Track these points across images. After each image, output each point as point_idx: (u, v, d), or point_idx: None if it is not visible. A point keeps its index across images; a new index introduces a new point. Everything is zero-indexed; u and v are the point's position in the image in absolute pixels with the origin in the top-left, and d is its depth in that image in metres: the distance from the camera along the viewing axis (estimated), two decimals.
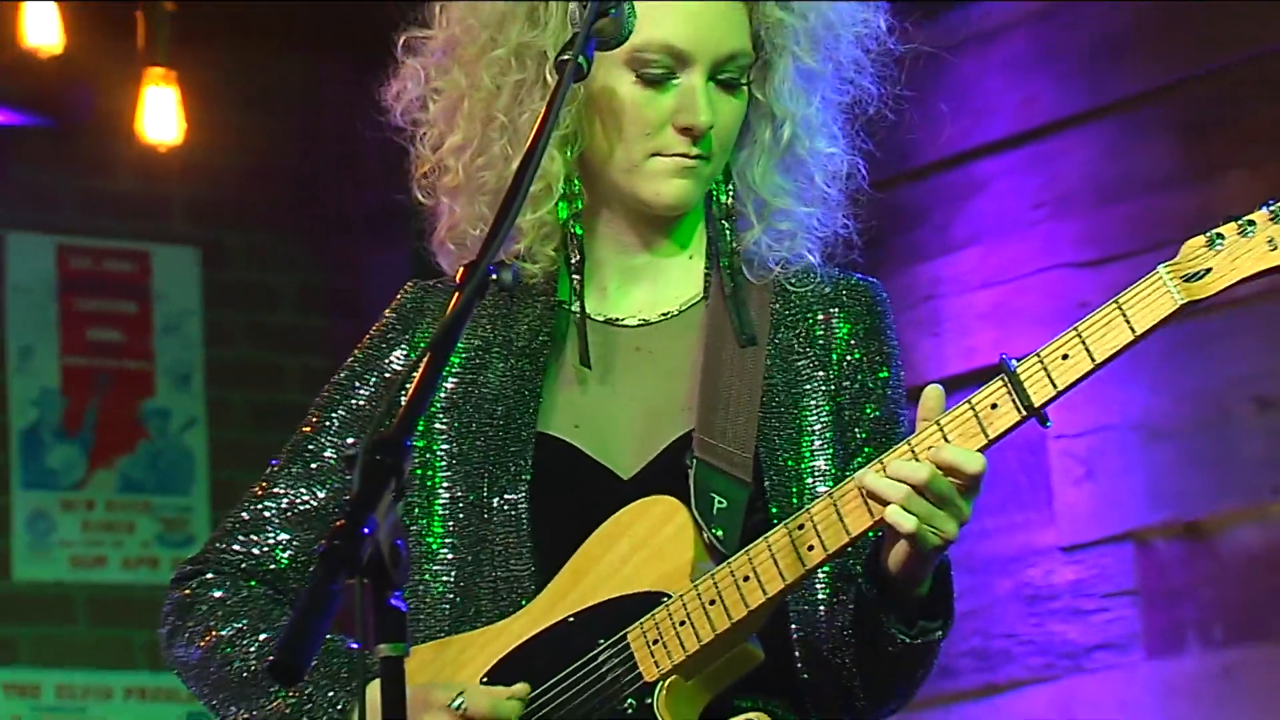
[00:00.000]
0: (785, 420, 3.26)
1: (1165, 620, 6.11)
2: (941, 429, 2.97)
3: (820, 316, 3.31)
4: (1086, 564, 6.23)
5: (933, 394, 2.99)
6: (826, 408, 3.26)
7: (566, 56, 3.03)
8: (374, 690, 2.68)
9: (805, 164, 3.34)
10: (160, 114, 6.97)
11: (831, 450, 3.24)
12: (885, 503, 2.93)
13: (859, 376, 3.28)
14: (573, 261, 3.32)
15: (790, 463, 3.24)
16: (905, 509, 2.90)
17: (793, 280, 3.32)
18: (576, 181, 3.32)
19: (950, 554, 3.05)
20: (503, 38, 3.33)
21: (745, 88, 3.29)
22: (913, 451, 2.96)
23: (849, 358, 3.29)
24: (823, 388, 3.27)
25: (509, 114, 3.31)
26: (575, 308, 3.29)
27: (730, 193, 3.35)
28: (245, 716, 3.29)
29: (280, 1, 6.99)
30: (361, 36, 3.86)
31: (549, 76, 3.25)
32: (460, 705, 3.07)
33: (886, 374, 3.30)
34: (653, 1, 3.21)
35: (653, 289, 3.34)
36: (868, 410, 3.27)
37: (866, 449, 3.21)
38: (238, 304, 7.81)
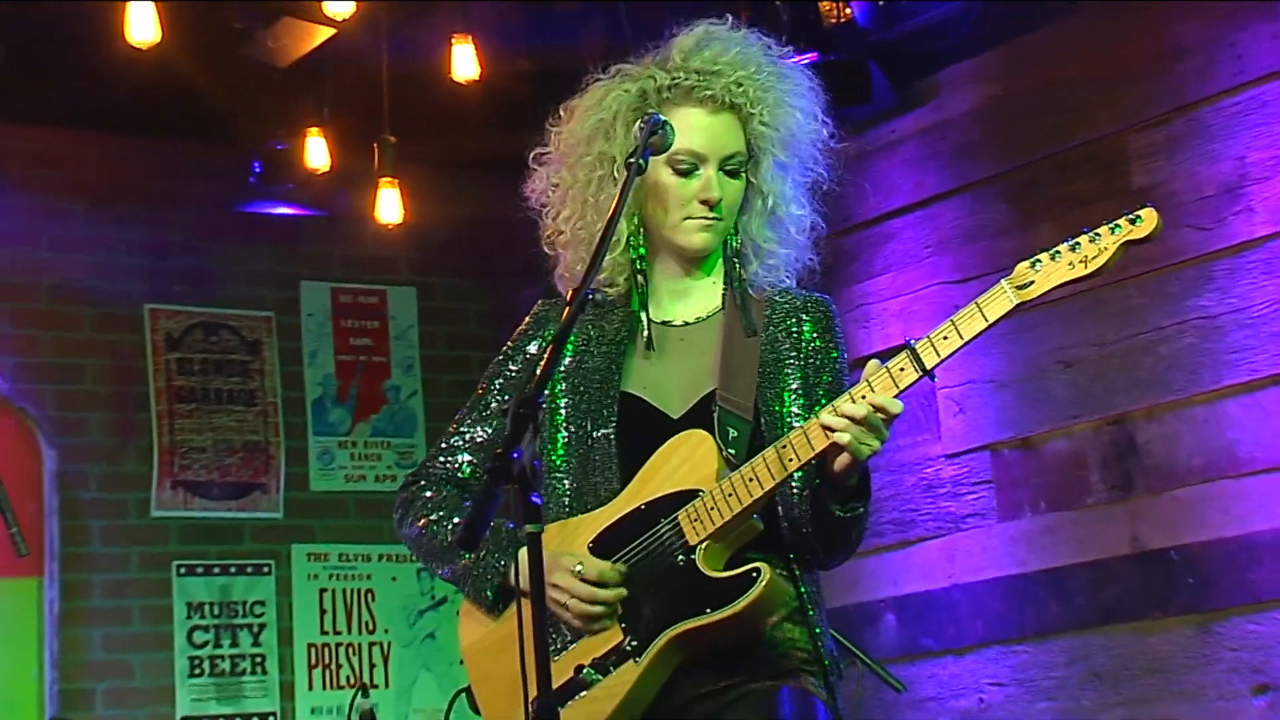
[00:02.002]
0: (773, 383, 3.65)
1: (1009, 498, 6.60)
2: (870, 384, 3.37)
3: (794, 319, 3.70)
4: (960, 465, 6.74)
5: (872, 366, 3.39)
6: (799, 374, 3.66)
7: (632, 160, 3.49)
8: (522, 554, 3.33)
9: (784, 222, 3.73)
10: (388, 206, 7.38)
11: (802, 400, 3.64)
12: (835, 430, 3.36)
13: (819, 356, 3.69)
14: (639, 285, 3.72)
15: (777, 408, 3.63)
16: (848, 433, 3.33)
17: (777, 296, 3.73)
18: (640, 235, 3.71)
19: (873, 463, 3.44)
20: (589, 150, 3.72)
21: (744, 174, 3.68)
22: (852, 399, 3.37)
23: (813, 344, 3.69)
24: (796, 363, 3.67)
25: (595, 196, 3.71)
26: (642, 314, 3.71)
27: (737, 241, 3.74)
28: (445, 572, 3.77)
29: (464, 137, 7.44)
30: (508, 155, 4.15)
31: (616, 174, 3.65)
32: (579, 568, 3.52)
33: (836, 354, 3.70)
34: (682, 122, 3.61)
35: (690, 302, 3.74)
36: (824, 376, 3.67)
37: (824, 399, 3.56)
38: (440, 321, 8.57)
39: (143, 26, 6.18)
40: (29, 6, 6.60)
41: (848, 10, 6.51)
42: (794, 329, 3.67)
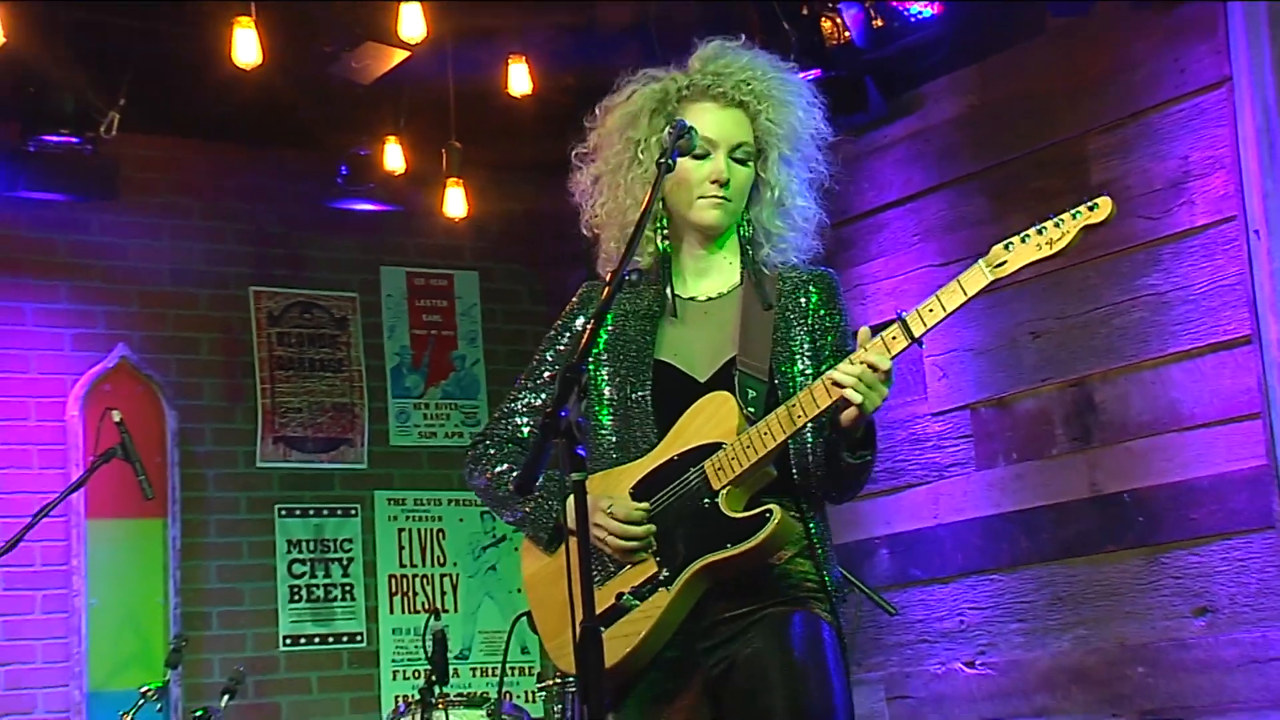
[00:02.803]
0: (785, 348, 3.60)
1: (986, 450, 6.57)
2: (866, 350, 3.35)
3: (802, 291, 3.66)
4: (944, 422, 6.72)
5: (863, 332, 3.39)
6: (807, 339, 3.61)
7: (662, 160, 3.48)
8: (570, 499, 3.22)
9: (790, 212, 3.67)
10: (455, 202, 7.37)
11: (810, 364, 3.59)
12: (842, 386, 3.34)
13: (823, 321, 3.64)
14: (667, 267, 3.70)
15: (788, 370, 3.59)
16: (853, 389, 3.32)
17: (788, 272, 3.68)
18: (665, 221, 3.69)
19: (875, 418, 3.44)
20: (619, 139, 3.71)
21: (751, 164, 3.65)
22: (852, 362, 3.35)
23: (819, 312, 3.64)
24: (804, 329, 3.62)
25: (624, 178, 3.70)
26: (669, 291, 3.69)
27: (749, 229, 3.70)
28: (509, 516, 3.78)
29: (519, 143, 7.30)
30: (556, 158, 4.01)
31: (641, 155, 3.65)
32: (609, 506, 3.52)
33: (839, 319, 3.65)
34: (697, 115, 3.61)
35: (711, 280, 3.71)
36: (829, 338, 3.62)
37: (829, 360, 3.54)
38: (499, 300, 8.48)
39: (247, 50, 6.21)
40: (152, 35, 6.64)
41: (846, 33, 6.49)
42: (802, 299, 3.64)
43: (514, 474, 3.66)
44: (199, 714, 6.06)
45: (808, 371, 3.57)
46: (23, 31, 6.08)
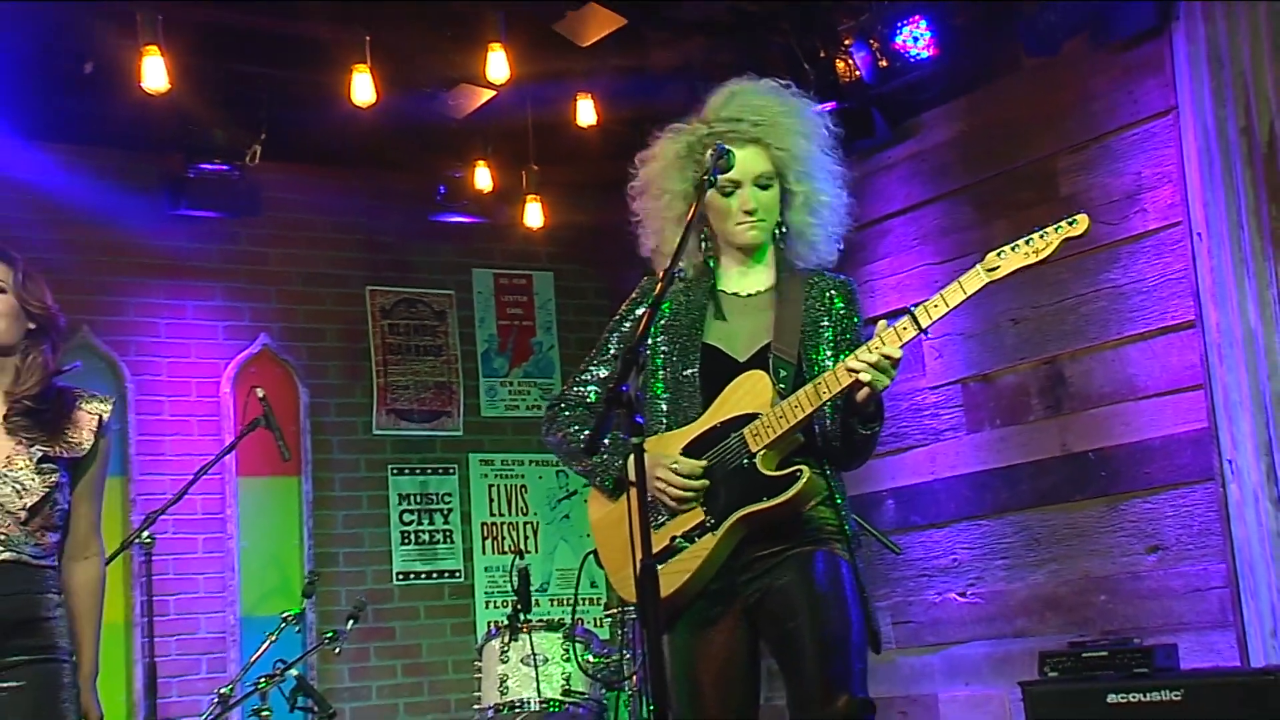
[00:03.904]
0: (812, 338, 3.58)
1: (974, 417, 6.55)
2: (882, 339, 3.34)
3: (828, 294, 3.62)
4: (940, 394, 6.68)
5: (880, 325, 3.38)
6: (830, 332, 3.58)
7: (705, 178, 3.47)
8: (632, 457, 3.18)
9: (816, 209, 3.64)
10: (533, 215, 7.37)
11: (832, 352, 3.56)
12: (857, 370, 3.33)
13: (844, 319, 3.61)
14: (711, 266, 3.69)
15: (813, 355, 3.56)
16: (868, 373, 3.31)
17: (815, 278, 3.65)
18: (710, 240, 3.67)
19: (882, 395, 3.41)
20: (657, 187, 3.68)
21: (774, 184, 3.61)
22: (869, 349, 3.35)
23: (841, 311, 3.61)
24: (829, 324, 3.59)
25: (666, 214, 3.66)
26: (715, 289, 3.66)
27: (783, 236, 3.67)
28: (578, 468, 3.73)
29: (586, 165, 7.17)
30: (617, 179, 3.90)
31: (674, 202, 3.62)
32: (675, 465, 3.51)
33: (856, 319, 3.63)
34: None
35: (750, 280, 3.67)
36: (848, 335, 3.59)
37: (847, 350, 3.51)
38: (569, 296, 8.38)
39: (363, 92, 6.22)
40: (288, 82, 6.66)
41: (857, 72, 6.48)
42: (827, 301, 3.61)
43: (582, 433, 3.65)
44: (329, 635, 6.09)
45: (829, 357, 3.54)
46: (183, 80, 6.10)
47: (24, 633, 3.56)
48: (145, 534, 5.59)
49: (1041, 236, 3.35)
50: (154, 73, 5.85)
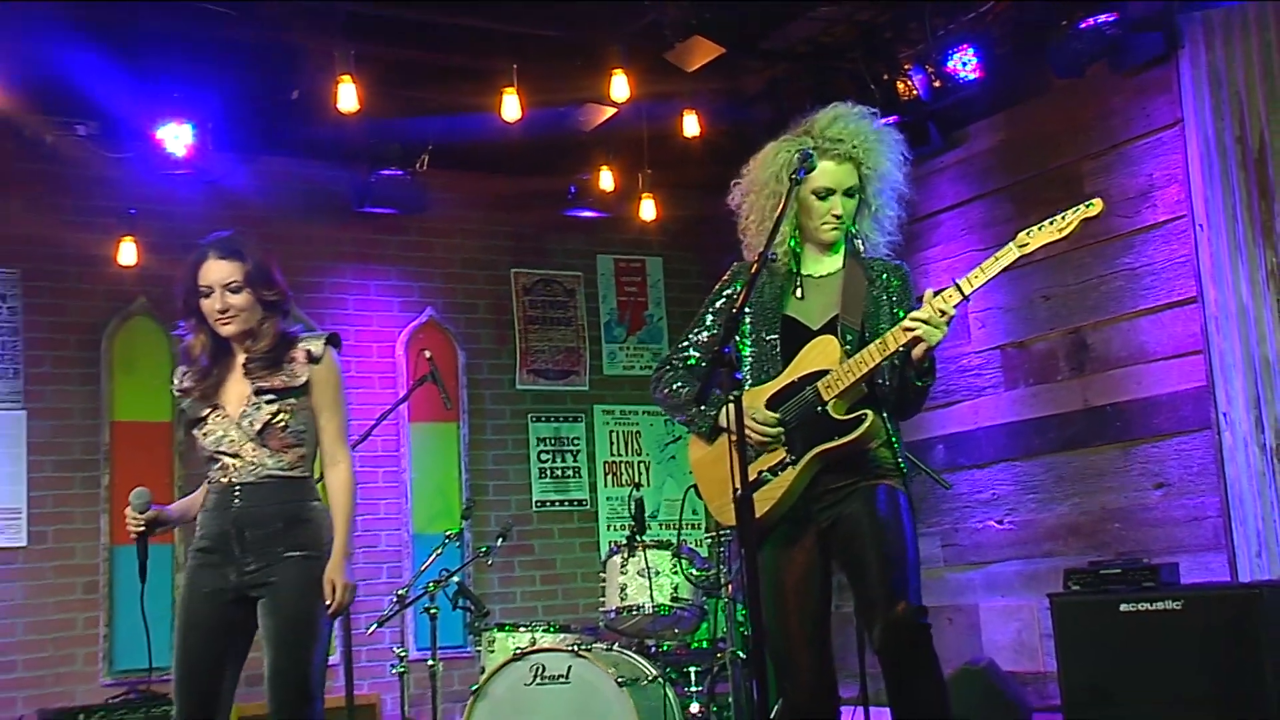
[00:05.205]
0: (873, 311, 3.49)
1: (1011, 376, 6.47)
2: (931, 304, 3.25)
3: (886, 276, 3.53)
4: (983, 358, 6.59)
5: (927, 293, 3.29)
6: (887, 307, 3.49)
7: (794, 176, 3.40)
8: (729, 407, 3.12)
9: (882, 222, 3.58)
10: (647, 210, 7.34)
11: (890, 323, 3.43)
12: (913, 328, 3.25)
13: (899, 294, 3.52)
14: (796, 253, 3.58)
15: (873, 324, 3.47)
16: (920, 328, 3.24)
17: (875, 265, 3.56)
18: (796, 231, 3.56)
19: (936, 356, 3.34)
20: (764, 188, 3.55)
21: (856, 196, 3.54)
22: (923, 309, 3.26)
23: (896, 288, 3.53)
24: (887, 300, 3.50)
25: (766, 199, 3.54)
26: (797, 271, 3.57)
27: (856, 233, 3.58)
28: (682, 418, 3.62)
29: (690, 169, 7.15)
30: (716, 180, 3.93)
31: (774, 200, 3.50)
32: (758, 415, 3.43)
33: (908, 296, 3.52)
34: (820, 169, 3.48)
35: (823, 264, 3.58)
36: (900, 311, 3.46)
37: (902, 317, 3.37)
38: (676, 277, 8.26)
39: (511, 110, 6.21)
40: (453, 105, 6.61)
41: (915, 91, 6.45)
42: (886, 282, 3.52)
43: (685, 389, 3.57)
44: (483, 550, 6.06)
45: (887, 326, 3.43)
46: (369, 104, 6.11)
47: (285, 533, 3.56)
48: None
49: (1064, 217, 3.25)
50: (347, 98, 5.93)
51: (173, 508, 3.71)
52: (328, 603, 3.54)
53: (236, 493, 3.59)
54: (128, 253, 6.58)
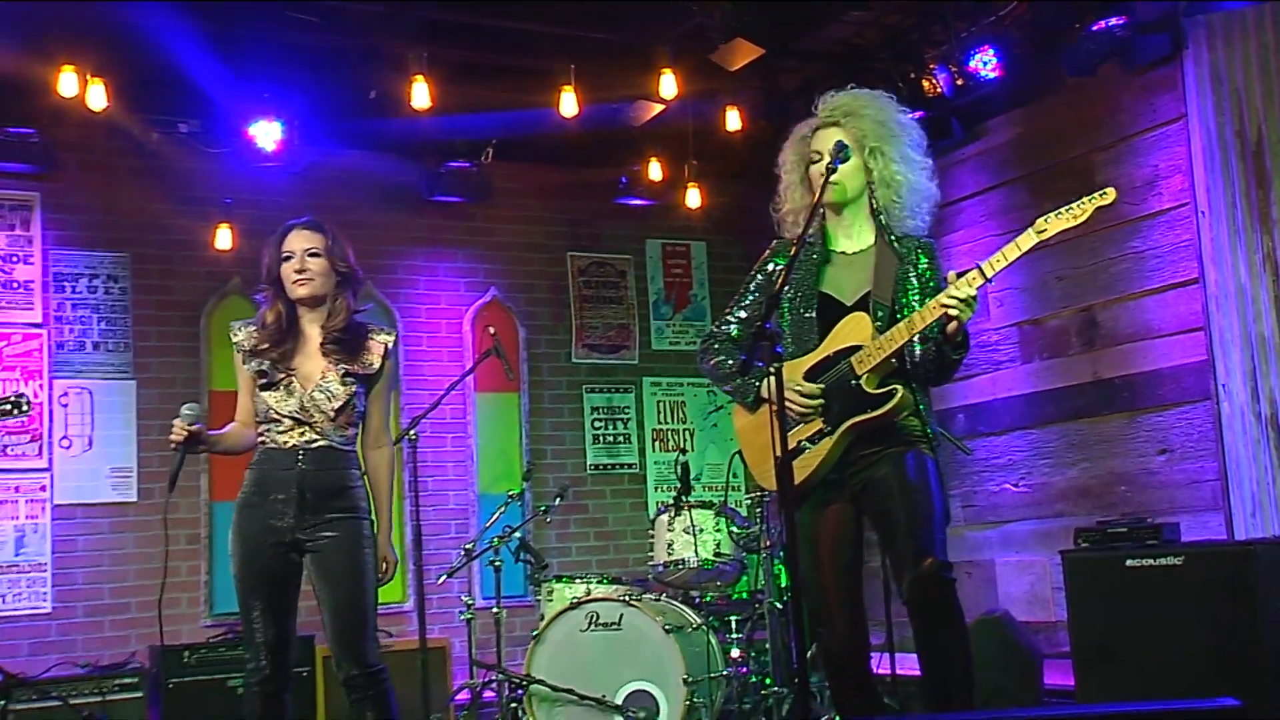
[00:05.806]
0: (903, 286, 3.44)
1: (1027, 351, 6.42)
2: (958, 286, 3.22)
3: (915, 252, 3.46)
4: (1001, 334, 6.54)
5: (951, 275, 3.26)
6: (916, 284, 3.44)
7: (828, 169, 3.35)
8: (770, 379, 3.07)
9: (893, 186, 3.47)
10: (692, 198, 7.25)
11: (919, 298, 3.41)
12: (949, 306, 3.20)
13: (928, 272, 3.46)
14: (827, 231, 3.55)
15: (903, 300, 3.43)
16: (955, 308, 3.20)
17: (903, 240, 3.48)
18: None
19: (967, 329, 3.29)
20: (792, 169, 3.58)
21: (851, 157, 3.42)
22: (955, 289, 3.22)
23: (924, 265, 3.46)
24: (916, 277, 3.45)
25: (795, 186, 3.56)
26: (829, 248, 3.54)
27: (879, 205, 3.50)
28: (727, 387, 3.59)
29: (732, 161, 7.04)
30: (756, 170, 4.04)
31: (800, 179, 3.52)
32: (798, 387, 3.39)
33: (936, 271, 3.47)
34: (815, 138, 3.48)
35: (853, 241, 3.53)
36: (931, 284, 3.44)
37: (929, 295, 3.38)
38: (718, 259, 8.14)
39: (569, 107, 6.19)
40: (509, 104, 6.56)
41: (939, 88, 6.40)
42: (915, 258, 3.47)
43: (728, 361, 3.53)
44: (542, 509, 6.02)
45: (916, 301, 3.41)
46: (439, 101, 6.07)
47: (337, 497, 3.64)
48: (411, 432, 5.62)
49: (1079, 205, 3.21)
50: (420, 96, 5.92)
51: (215, 433, 3.71)
52: (378, 575, 3.65)
53: (300, 456, 3.65)
54: (224, 238, 6.69)
